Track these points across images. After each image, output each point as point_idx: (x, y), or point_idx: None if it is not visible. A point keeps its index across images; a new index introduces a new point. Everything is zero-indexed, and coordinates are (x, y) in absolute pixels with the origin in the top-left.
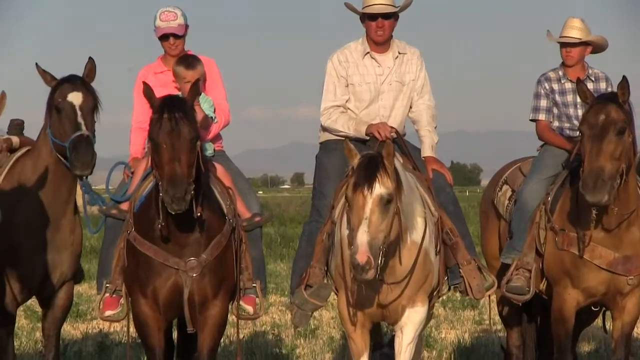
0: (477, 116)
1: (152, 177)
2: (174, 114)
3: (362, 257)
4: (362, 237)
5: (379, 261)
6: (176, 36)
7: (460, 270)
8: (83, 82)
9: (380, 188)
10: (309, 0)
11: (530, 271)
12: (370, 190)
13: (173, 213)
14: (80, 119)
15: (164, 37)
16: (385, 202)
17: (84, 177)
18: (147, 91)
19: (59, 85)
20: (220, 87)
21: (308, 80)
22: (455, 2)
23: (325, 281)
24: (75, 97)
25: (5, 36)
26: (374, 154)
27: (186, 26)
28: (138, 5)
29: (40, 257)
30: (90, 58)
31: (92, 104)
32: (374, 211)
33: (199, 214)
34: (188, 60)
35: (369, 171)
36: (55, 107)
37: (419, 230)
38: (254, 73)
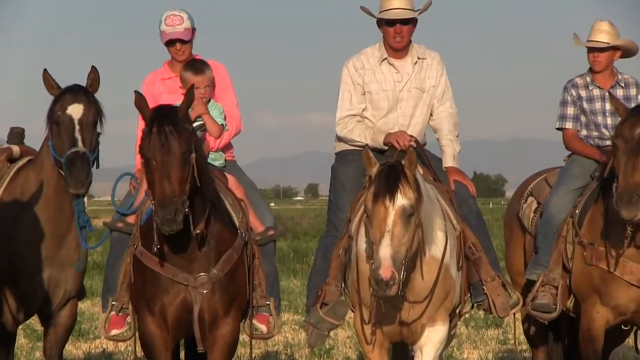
0: (501, 124)
1: None
2: (164, 128)
3: (385, 272)
4: (385, 251)
5: (402, 276)
6: (182, 41)
7: (484, 287)
8: (86, 93)
9: (402, 199)
10: (324, 1)
11: (556, 288)
12: (392, 201)
13: (166, 234)
14: (77, 134)
15: (169, 43)
16: (408, 214)
17: (80, 195)
18: (139, 102)
19: (61, 96)
20: (230, 93)
21: (322, 85)
22: (478, 3)
23: (342, 298)
24: (75, 110)
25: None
26: (395, 163)
27: (193, 30)
28: (142, 5)
29: (43, 273)
30: (93, 67)
31: (93, 117)
32: (396, 223)
33: (197, 232)
34: (195, 66)
35: (390, 181)
36: (54, 120)
37: (439, 244)
38: (264, 77)
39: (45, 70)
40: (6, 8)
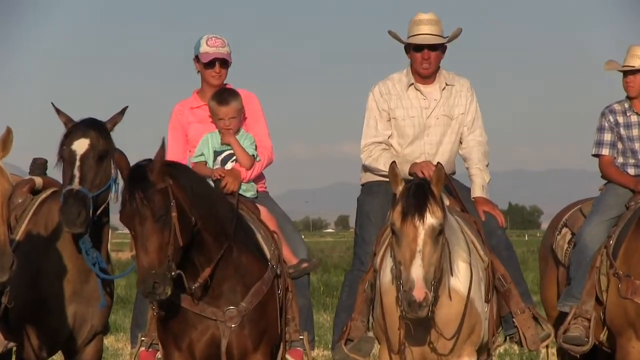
0: (536, 154)
1: None
2: (134, 195)
3: (419, 293)
4: (418, 271)
5: (432, 298)
6: (224, 63)
7: (514, 319)
8: (99, 127)
9: (431, 218)
10: (354, 30)
11: (589, 320)
12: (421, 220)
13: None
14: (75, 171)
15: (209, 65)
16: (437, 233)
17: (85, 234)
18: (119, 161)
19: (71, 130)
20: (261, 123)
21: (353, 115)
22: (509, 29)
23: (369, 334)
24: (80, 145)
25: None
26: (421, 181)
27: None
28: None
29: (69, 309)
30: (125, 107)
31: (100, 152)
32: (426, 243)
33: (196, 286)
34: (222, 96)
35: (419, 199)
36: (60, 155)
37: (462, 277)
38: (295, 107)
39: (52, 103)
40: (33, 20)
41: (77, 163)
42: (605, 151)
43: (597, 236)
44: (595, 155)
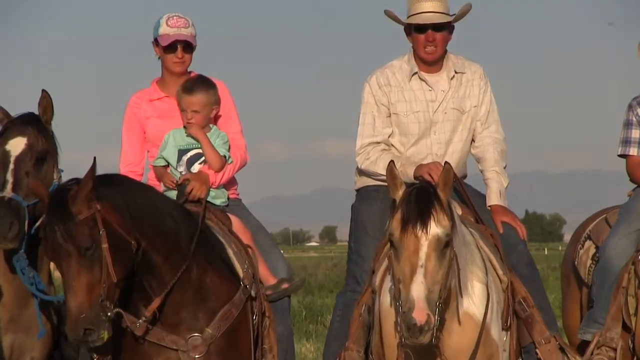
0: (558, 153)
1: None
2: (54, 228)
3: (420, 315)
4: (419, 290)
5: (436, 321)
6: (187, 46)
7: (537, 350)
8: (37, 123)
9: (436, 227)
10: (344, 7)
11: (615, 350)
12: (424, 230)
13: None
14: (8, 176)
15: (169, 48)
16: (443, 245)
17: (19, 250)
18: (35, 189)
19: (7, 127)
20: (233, 118)
21: (338, 109)
22: (533, 20)
23: None
24: (16, 145)
25: None
26: (425, 184)
27: (195, 39)
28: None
29: (5, 338)
30: (43, 92)
31: (39, 154)
32: (430, 257)
33: (142, 320)
34: (190, 83)
35: (422, 205)
36: None
37: (477, 300)
38: (271, 101)
39: None
40: None
41: (11, 166)
42: (633, 150)
43: (623, 250)
44: (621, 156)
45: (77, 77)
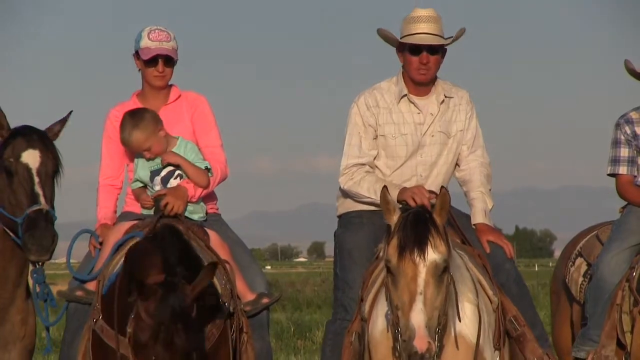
0: (548, 169)
1: (123, 250)
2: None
3: (421, 343)
4: (419, 317)
5: (437, 347)
6: (169, 60)
7: None
8: (41, 137)
9: (433, 253)
10: (335, 28)
11: None
12: (422, 256)
13: None
14: (38, 189)
15: (151, 62)
16: (441, 271)
17: (39, 263)
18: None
19: (11, 140)
20: (213, 132)
21: (329, 125)
22: (518, 33)
23: None
24: (31, 158)
25: None
26: (420, 209)
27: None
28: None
29: None
30: (70, 112)
31: (52, 167)
32: (428, 283)
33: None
34: (122, 128)
35: (419, 231)
36: (5, 169)
37: (469, 321)
38: (260, 115)
39: None
40: None
41: (37, 178)
42: (622, 169)
43: (617, 267)
44: (611, 175)
45: (60, 89)
